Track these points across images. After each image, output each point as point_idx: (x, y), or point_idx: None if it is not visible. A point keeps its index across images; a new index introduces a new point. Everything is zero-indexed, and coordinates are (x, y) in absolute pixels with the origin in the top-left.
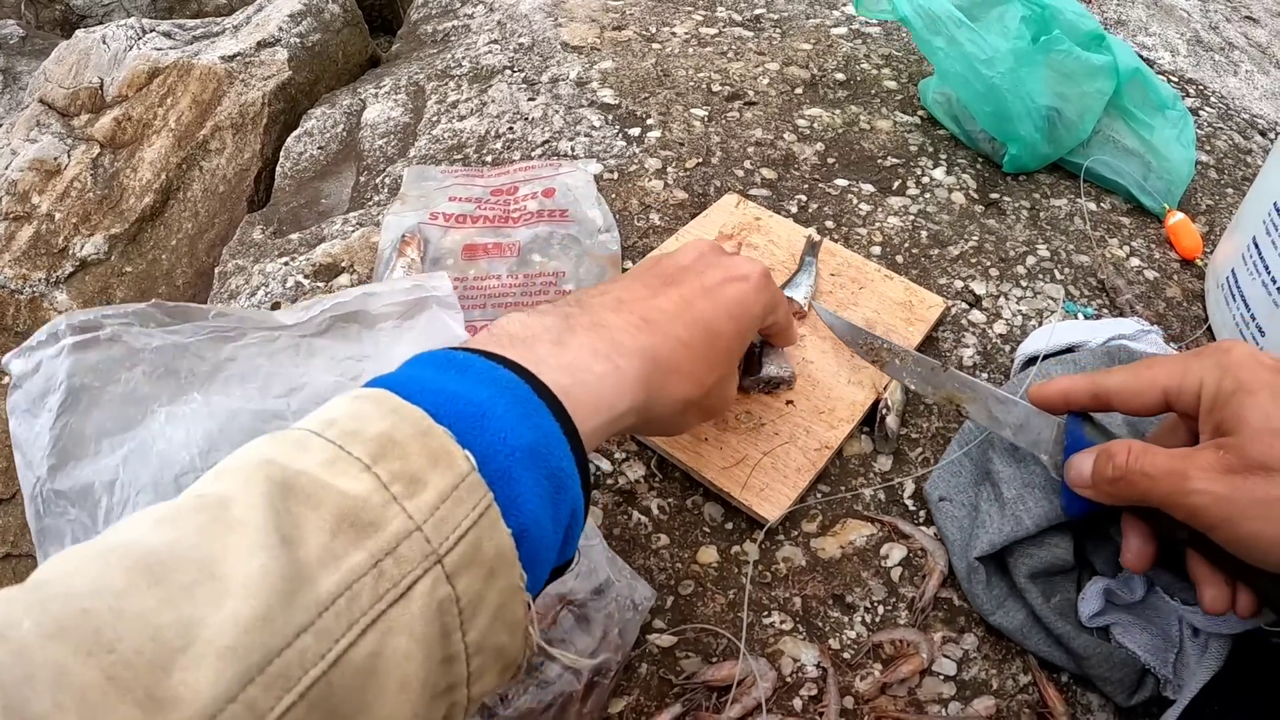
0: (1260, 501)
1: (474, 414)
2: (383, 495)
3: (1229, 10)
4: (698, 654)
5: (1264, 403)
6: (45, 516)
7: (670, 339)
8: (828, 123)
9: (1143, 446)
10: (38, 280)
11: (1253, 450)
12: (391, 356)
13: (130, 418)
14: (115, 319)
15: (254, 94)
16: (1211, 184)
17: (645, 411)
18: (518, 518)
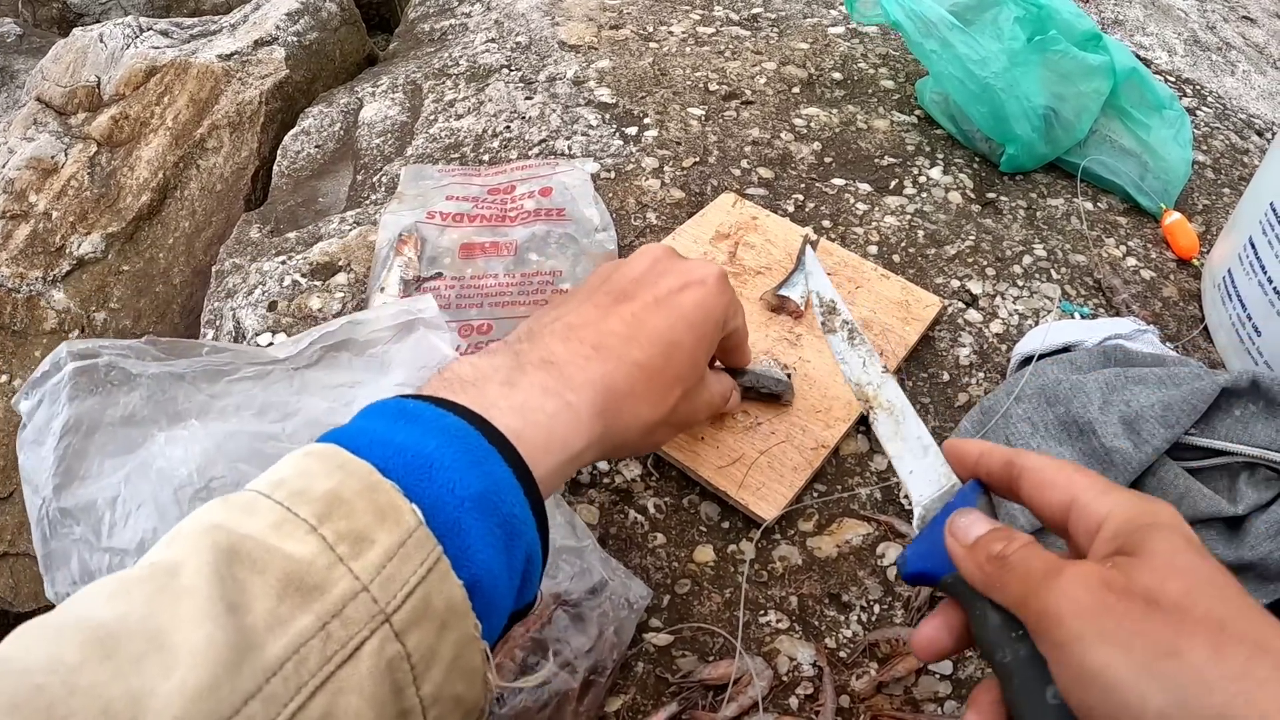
0: (1128, 630)
1: (422, 465)
2: (328, 557)
3: (1226, 10)
4: (694, 653)
5: (1175, 543)
6: (51, 539)
7: (624, 364)
8: (825, 122)
9: (1026, 540)
10: (35, 279)
11: (1145, 576)
12: (383, 381)
13: (131, 440)
14: (112, 350)
15: (251, 93)
16: (1208, 184)
17: (607, 441)
18: (469, 568)
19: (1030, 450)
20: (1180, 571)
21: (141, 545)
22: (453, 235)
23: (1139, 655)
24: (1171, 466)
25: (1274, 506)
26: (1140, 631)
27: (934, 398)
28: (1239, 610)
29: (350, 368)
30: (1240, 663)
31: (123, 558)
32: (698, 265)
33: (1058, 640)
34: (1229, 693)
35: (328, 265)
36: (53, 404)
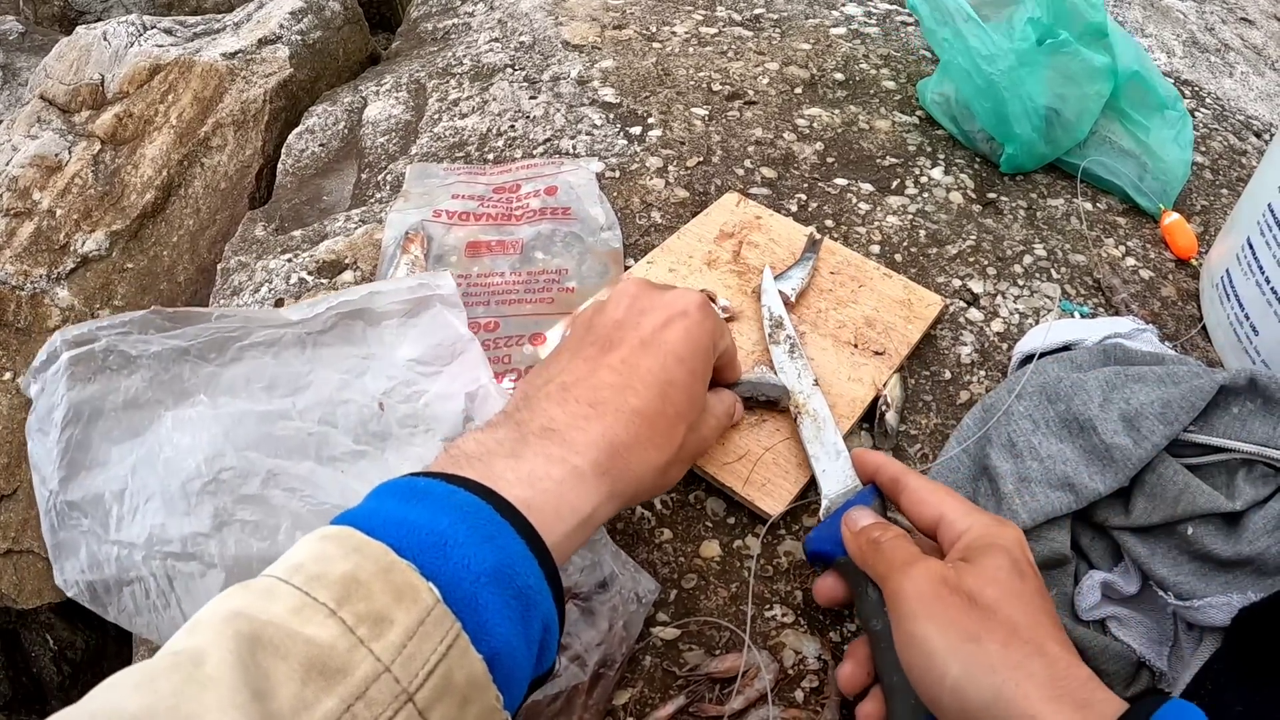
0: (948, 617)
1: (436, 543)
2: (349, 639)
3: (1225, 12)
4: (701, 646)
5: (1002, 560)
6: (60, 530)
7: (623, 415)
8: (827, 122)
9: (906, 537)
10: (39, 277)
11: (971, 580)
12: (395, 356)
13: (136, 424)
14: (110, 329)
15: (255, 91)
16: (1207, 185)
17: (619, 495)
18: (489, 642)
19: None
20: (998, 583)
21: (150, 539)
22: (459, 233)
23: (951, 636)
24: (1171, 463)
25: (1271, 502)
26: (956, 620)
27: (936, 395)
28: (1033, 620)
29: (364, 339)
30: (1020, 656)
31: (130, 550)
32: (677, 296)
33: (900, 613)
34: (1005, 676)
35: (334, 263)
36: (52, 395)
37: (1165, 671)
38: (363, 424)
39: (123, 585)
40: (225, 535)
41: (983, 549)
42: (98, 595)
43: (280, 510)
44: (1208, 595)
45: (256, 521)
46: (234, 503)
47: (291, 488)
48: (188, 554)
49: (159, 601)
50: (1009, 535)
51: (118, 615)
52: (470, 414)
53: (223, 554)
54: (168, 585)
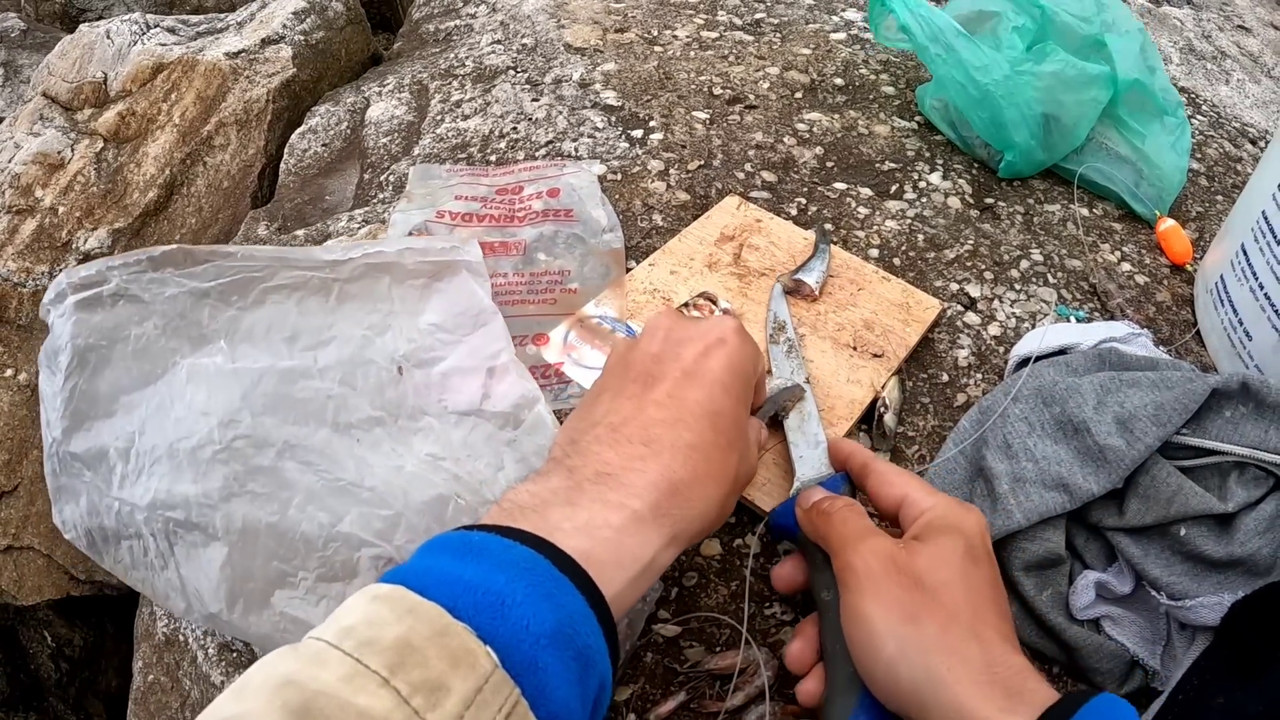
0: (890, 596)
1: (493, 603)
2: (404, 711)
3: (1221, 19)
4: (702, 643)
5: (958, 543)
6: (61, 475)
7: (680, 452)
8: (827, 127)
9: (859, 508)
10: (41, 274)
11: (921, 561)
12: (418, 318)
13: (148, 373)
14: (122, 269)
15: (258, 90)
16: (1202, 191)
17: (681, 537)
18: (547, 706)
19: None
20: (948, 567)
21: (153, 503)
22: (462, 234)
23: (892, 615)
24: (1165, 465)
25: (1263, 504)
26: (899, 599)
27: (933, 398)
28: (977, 607)
29: (388, 296)
30: (956, 641)
31: (133, 510)
32: (714, 324)
33: (847, 587)
34: (939, 659)
35: None
36: (57, 337)
37: (1158, 670)
38: (380, 389)
39: (121, 538)
40: (233, 506)
41: (940, 529)
42: (95, 543)
43: (293, 484)
44: (1200, 595)
45: (268, 494)
46: (246, 473)
47: (307, 461)
48: (191, 523)
49: (157, 561)
50: (969, 519)
51: (114, 565)
52: (488, 390)
53: (228, 526)
54: (168, 547)
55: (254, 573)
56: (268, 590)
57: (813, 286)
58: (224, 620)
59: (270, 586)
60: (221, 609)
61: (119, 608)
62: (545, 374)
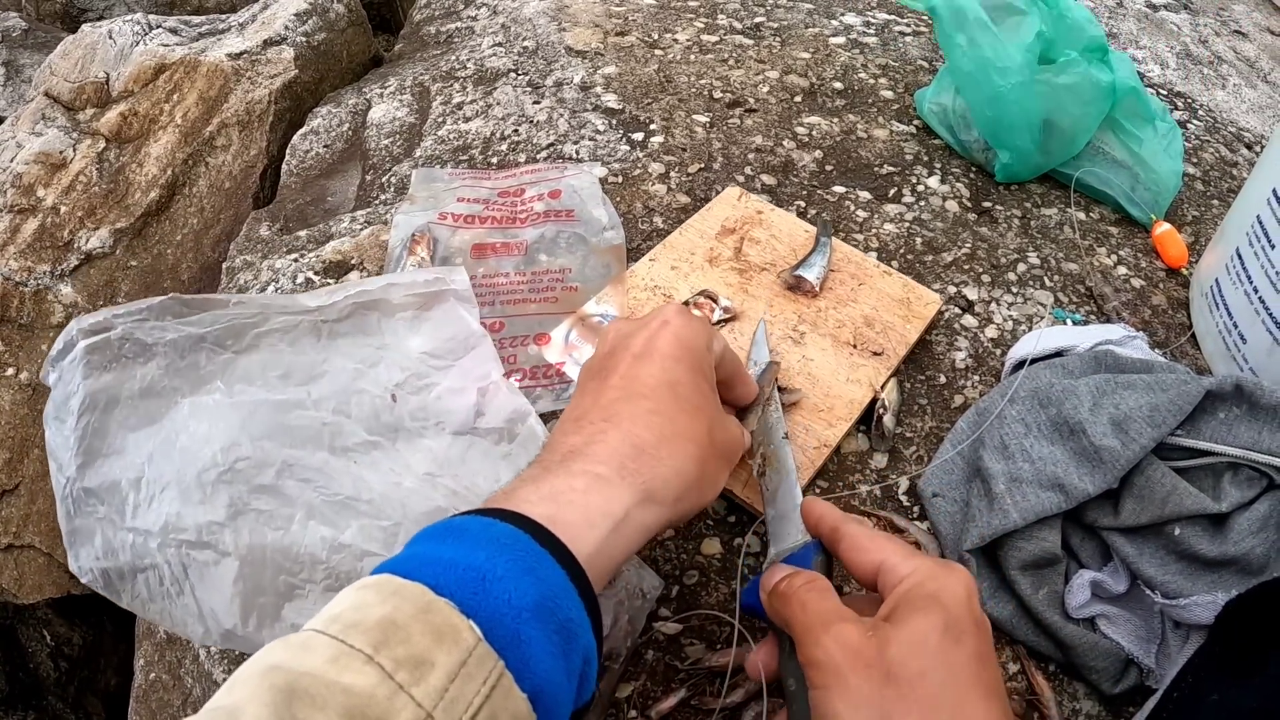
0: (860, 694)
1: (475, 579)
2: (388, 686)
3: (1218, 24)
4: (702, 641)
5: (934, 621)
6: (76, 517)
7: (639, 417)
8: (826, 130)
9: (823, 586)
10: (42, 273)
11: (894, 650)
12: (408, 348)
13: (153, 411)
14: (126, 318)
15: (260, 92)
16: (1198, 195)
17: (656, 496)
18: (531, 679)
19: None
20: (923, 653)
21: (165, 528)
22: (464, 236)
23: (863, 715)
24: (1159, 466)
25: (1256, 504)
26: (869, 697)
27: (931, 399)
28: (956, 699)
29: (379, 330)
30: None
31: (146, 538)
32: (654, 312)
33: (813, 682)
34: None
35: (340, 264)
36: (69, 383)
37: (1153, 668)
38: (375, 415)
39: (137, 572)
40: (240, 524)
41: (915, 605)
42: (111, 582)
43: (295, 500)
44: (1194, 594)
45: (271, 511)
46: (249, 492)
47: (306, 478)
48: (202, 542)
49: (173, 589)
50: (949, 587)
51: (130, 602)
52: (481, 409)
53: (237, 543)
54: (182, 573)
55: (264, 587)
56: (279, 603)
57: (813, 283)
58: (239, 635)
59: (280, 599)
60: (236, 624)
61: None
62: (546, 374)
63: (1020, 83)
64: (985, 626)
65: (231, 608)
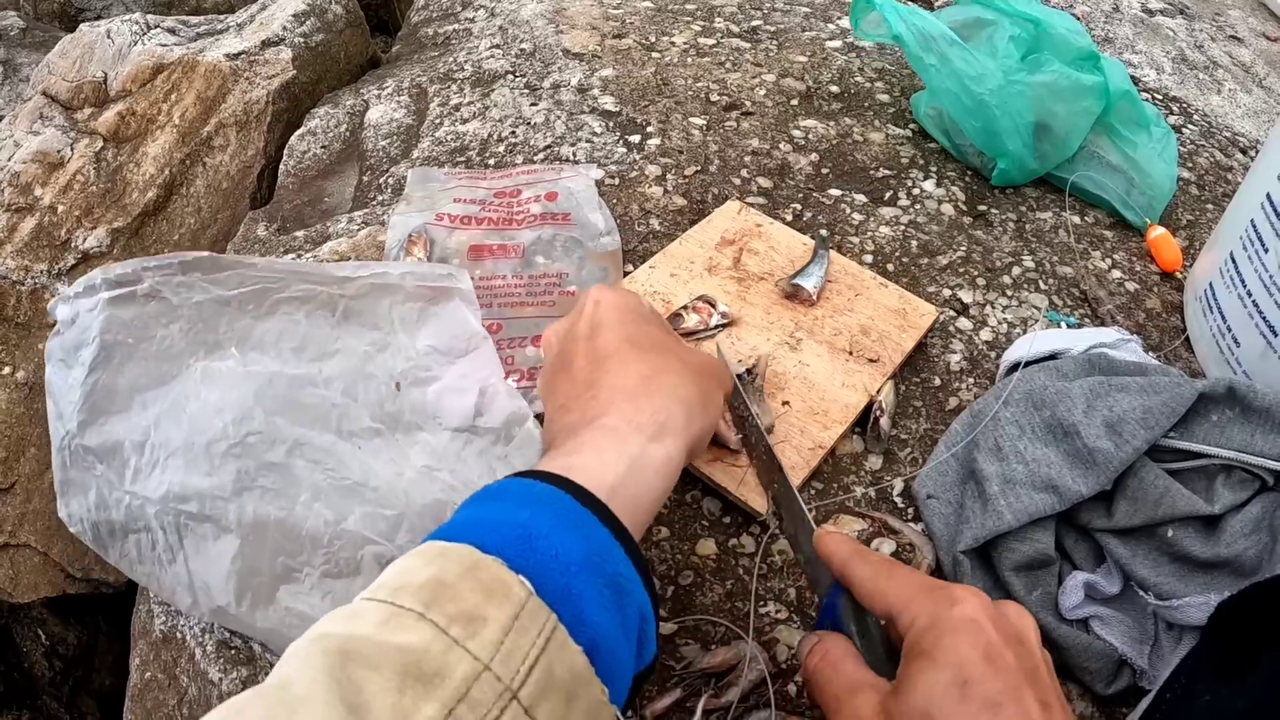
0: None
1: (521, 536)
2: (443, 641)
3: (1214, 30)
4: (697, 641)
5: (935, 683)
6: (71, 468)
7: (616, 372)
8: (822, 134)
9: (839, 656)
10: (40, 272)
11: (904, 712)
12: (415, 338)
13: (165, 373)
14: (156, 270)
15: (258, 92)
16: (1192, 200)
17: (669, 426)
18: (586, 633)
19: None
20: (935, 711)
21: (166, 496)
22: (460, 237)
23: None
24: (1152, 468)
25: (1249, 507)
26: None
27: (926, 401)
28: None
29: (389, 316)
30: None
31: (144, 503)
32: (580, 299)
33: None
34: None
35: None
36: (84, 330)
37: (1146, 669)
38: (380, 402)
39: (129, 532)
40: (245, 500)
41: (918, 664)
42: (101, 537)
43: (302, 481)
44: (1187, 595)
45: (278, 489)
46: (257, 468)
47: (315, 459)
48: (204, 515)
49: (165, 555)
50: (948, 638)
51: (119, 559)
52: (481, 409)
53: (240, 519)
54: (177, 541)
55: (262, 567)
56: (274, 585)
57: (810, 292)
58: (231, 614)
59: (277, 581)
60: (230, 602)
61: (114, 606)
62: (533, 378)
63: (998, 87)
64: (1000, 657)
65: (226, 586)
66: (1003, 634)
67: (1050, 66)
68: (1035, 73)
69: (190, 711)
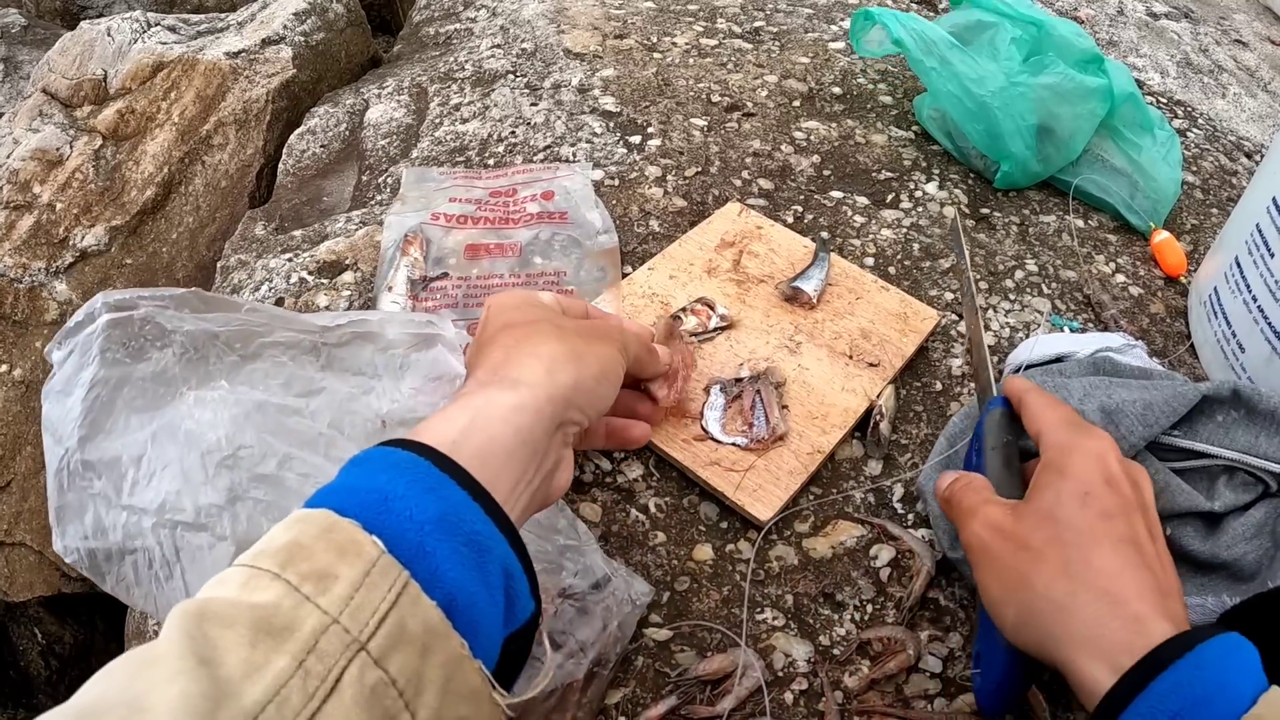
0: (999, 564)
1: (376, 500)
2: (294, 597)
3: (1219, 34)
4: (693, 648)
5: (1062, 490)
6: (68, 491)
7: (490, 353)
8: (824, 135)
9: (970, 482)
10: (37, 270)
11: (1023, 525)
12: (400, 384)
13: (160, 396)
14: (151, 300)
15: (258, 91)
16: (1197, 204)
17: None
18: (442, 588)
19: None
20: (1050, 522)
21: (162, 506)
22: (457, 236)
23: (1006, 582)
24: (1153, 462)
25: (1252, 511)
26: (1010, 567)
27: (927, 406)
28: (1081, 552)
29: (372, 362)
30: (1064, 595)
31: (140, 517)
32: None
33: (971, 564)
34: (1053, 615)
35: (335, 264)
36: (84, 354)
37: None
38: (367, 437)
39: (125, 554)
40: (238, 510)
41: (1047, 478)
42: (97, 563)
43: (292, 493)
44: None
45: (269, 501)
46: (249, 480)
47: (305, 473)
48: (199, 524)
49: (161, 573)
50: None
51: (114, 585)
52: None
53: (234, 528)
54: (173, 555)
55: None
56: None
57: (810, 294)
58: None
59: None
60: None
61: (110, 606)
62: None
63: (1000, 89)
64: (1118, 483)
65: None
66: (1124, 470)
67: (1054, 69)
68: (1038, 75)
69: None
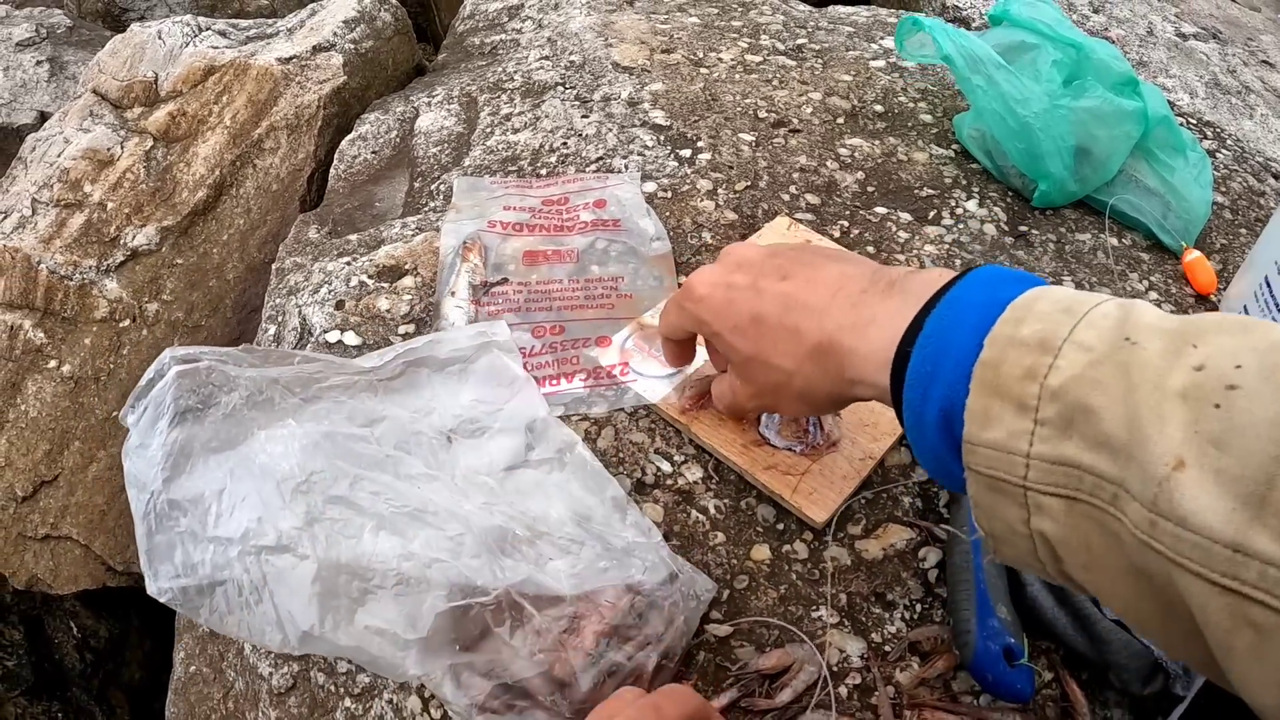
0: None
1: None
2: None
3: (1247, 55)
4: (752, 644)
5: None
6: (157, 533)
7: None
8: (867, 152)
9: None
10: (88, 268)
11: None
12: (460, 397)
13: (233, 436)
14: (211, 354)
15: (309, 96)
16: (1226, 224)
17: None
18: None
19: None
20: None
21: (246, 535)
22: (515, 243)
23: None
24: None
25: None
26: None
27: None
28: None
29: (429, 383)
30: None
31: (226, 547)
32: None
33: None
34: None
35: (394, 268)
36: (158, 406)
37: (1179, 674)
38: (433, 453)
39: (215, 585)
40: (317, 530)
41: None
42: (190, 599)
43: (366, 510)
44: None
45: (345, 520)
46: (324, 502)
47: (376, 491)
48: (282, 547)
49: (251, 598)
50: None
51: (209, 617)
52: (531, 443)
53: (314, 548)
54: (261, 580)
55: (339, 590)
56: (352, 607)
57: None
58: (317, 636)
59: (354, 604)
60: (315, 624)
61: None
62: (599, 377)
63: (1043, 110)
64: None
65: (309, 609)
66: None
67: (1093, 92)
68: (1079, 98)
69: (236, 705)
